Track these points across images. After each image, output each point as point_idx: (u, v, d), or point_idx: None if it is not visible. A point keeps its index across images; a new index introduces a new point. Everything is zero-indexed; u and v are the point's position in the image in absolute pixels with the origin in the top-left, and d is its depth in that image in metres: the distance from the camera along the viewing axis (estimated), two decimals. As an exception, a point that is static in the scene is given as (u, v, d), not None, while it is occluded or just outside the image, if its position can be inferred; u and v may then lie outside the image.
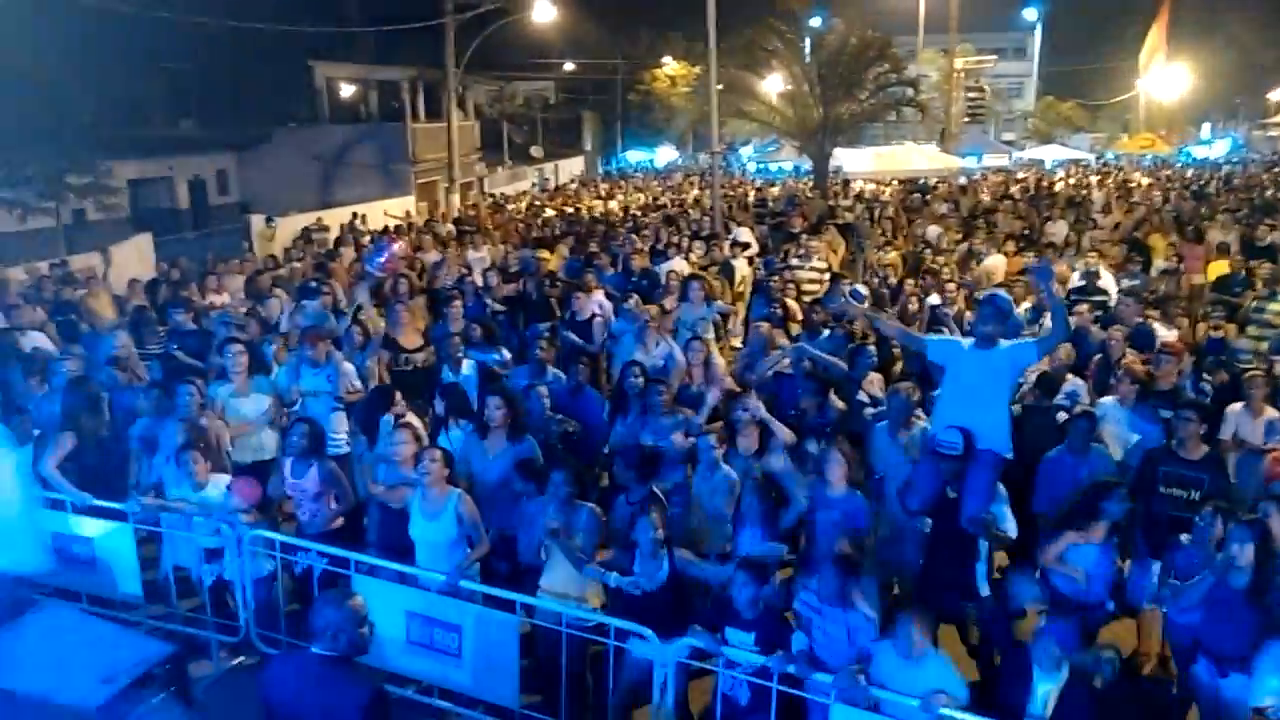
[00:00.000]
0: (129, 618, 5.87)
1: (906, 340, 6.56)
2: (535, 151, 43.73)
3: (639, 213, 22.01)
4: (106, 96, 20.29)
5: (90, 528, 6.13)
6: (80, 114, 19.03)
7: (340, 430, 7.11)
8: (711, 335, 8.54)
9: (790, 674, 4.37)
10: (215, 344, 8.17)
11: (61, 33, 18.16)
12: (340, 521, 6.01)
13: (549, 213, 23.51)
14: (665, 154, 53.50)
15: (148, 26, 20.24)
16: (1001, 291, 7.29)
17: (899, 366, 8.03)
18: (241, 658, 5.96)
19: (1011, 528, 5.42)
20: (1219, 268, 11.68)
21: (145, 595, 6.10)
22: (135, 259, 16.11)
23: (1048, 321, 7.21)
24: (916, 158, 27.70)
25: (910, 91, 25.37)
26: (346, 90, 32.70)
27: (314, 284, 9.93)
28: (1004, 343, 5.52)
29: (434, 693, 5.38)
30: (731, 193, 27.00)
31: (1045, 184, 27.43)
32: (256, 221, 20.09)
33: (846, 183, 26.09)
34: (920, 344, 6.11)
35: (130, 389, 7.44)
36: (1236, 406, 6.73)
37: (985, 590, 5.49)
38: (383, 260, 9.11)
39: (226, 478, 6.09)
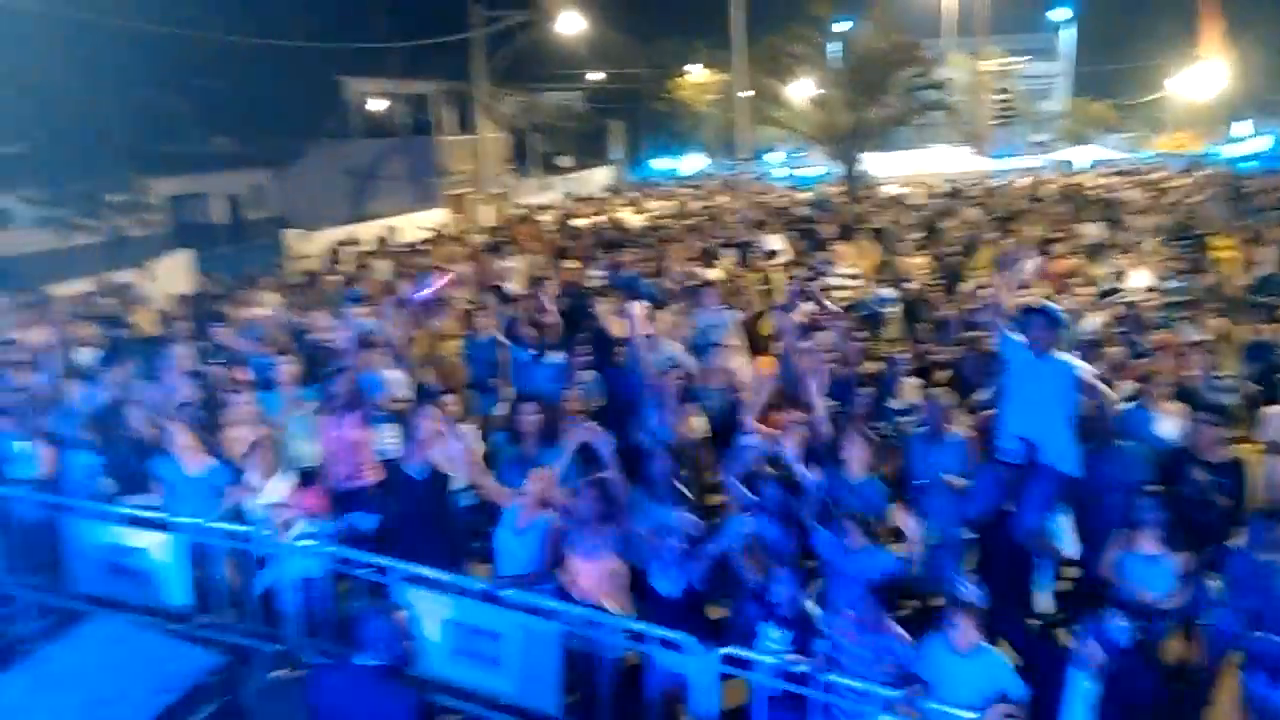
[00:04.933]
0: (177, 628, 5.98)
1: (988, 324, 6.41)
2: (563, 161, 43.96)
3: (670, 221, 22.04)
4: (143, 115, 20.70)
5: (141, 539, 6.29)
6: (118, 132, 19.41)
7: (390, 437, 7.22)
8: (734, 341, 8.52)
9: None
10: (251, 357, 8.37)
11: (99, 53, 18.55)
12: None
13: (578, 222, 23.60)
14: (692, 162, 53.51)
15: (182, 46, 20.63)
16: (1049, 303, 7.23)
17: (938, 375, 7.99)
18: (287, 667, 6.06)
19: (1070, 546, 5.34)
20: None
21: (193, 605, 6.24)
22: (176, 274, 16.40)
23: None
24: (946, 161, 27.57)
25: (939, 95, 25.26)
26: (376, 105, 33.06)
27: (359, 294, 10.10)
28: (1059, 354, 5.44)
29: (478, 701, 5.44)
30: (760, 200, 26.97)
31: (1076, 185, 27.13)
32: (291, 236, 20.37)
33: (876, 188, 26.00)
34: (997, 334, 5.90)
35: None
36: (1275, 409, 6.65)
37: (1042, 606, 5.41)
38: (427, 294, 9.30)
39: (285, 484, 6.22)
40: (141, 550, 6.30)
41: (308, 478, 6.69)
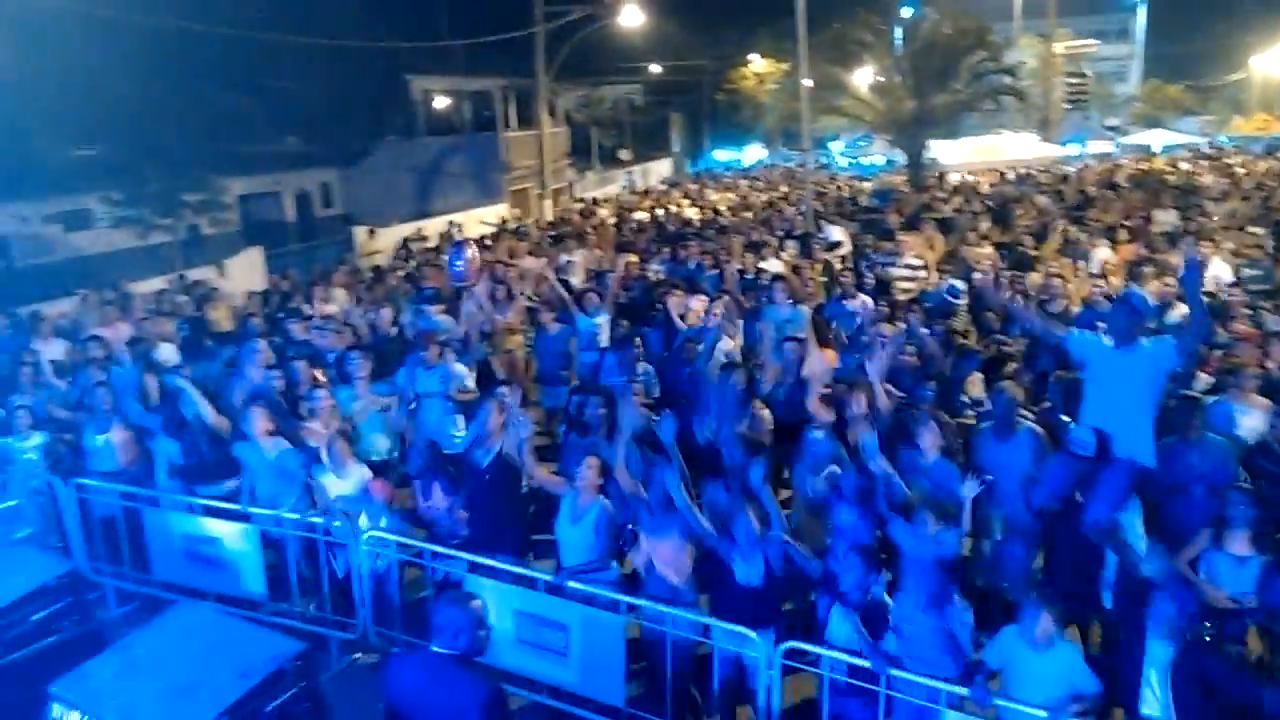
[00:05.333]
0: (253, 615, 6.16)
1: (1045, 333, 6.35)
2: (624, 155, 44.09)
3: (728, 213, 21.94)
4: (217, 116, 21.28)
5: (217, 528, 6.49)
6: (194, 134, 20.00)
7: (458, 429, 7.32)
8: (805, 334, 8.46)
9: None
10: (320, 352, 8.58)
11: (175, 58, 19.15)
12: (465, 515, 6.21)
13: (639, 215, 23.63)
14: (753, 153, 53.18)
15: (253, 48, 21.14)
16: (1136, 288, 7.03)
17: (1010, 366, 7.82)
18: (359, 654, 6.20)
19: (1141, 541, 5.20)
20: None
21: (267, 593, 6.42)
22: (248, 271, 16.84)
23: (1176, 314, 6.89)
24: (1015, 147, 26.93)
25: (1008, 79, 24.69)
26: (441, 102, 33.51)
27: (430, 290, 10.27)
28: (1144, 342, 5.28)
29: (543, 691, 5.50)
30: (822, 190, 26.70)
31: (1152, 171, 26.31)
32: (359, 233, 20.78)
33: (942, 175, 25.51)
34: (1060, 337, 5.84)
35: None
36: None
37: (1109, 603, 5.28)
38: (462, 268, 9.37)
39: (360, 474, 6.36)
40: (217, 539, 6.50)
41: (379, 469, 6.85)
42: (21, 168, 18.24)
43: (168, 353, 9.31)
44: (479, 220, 22.94)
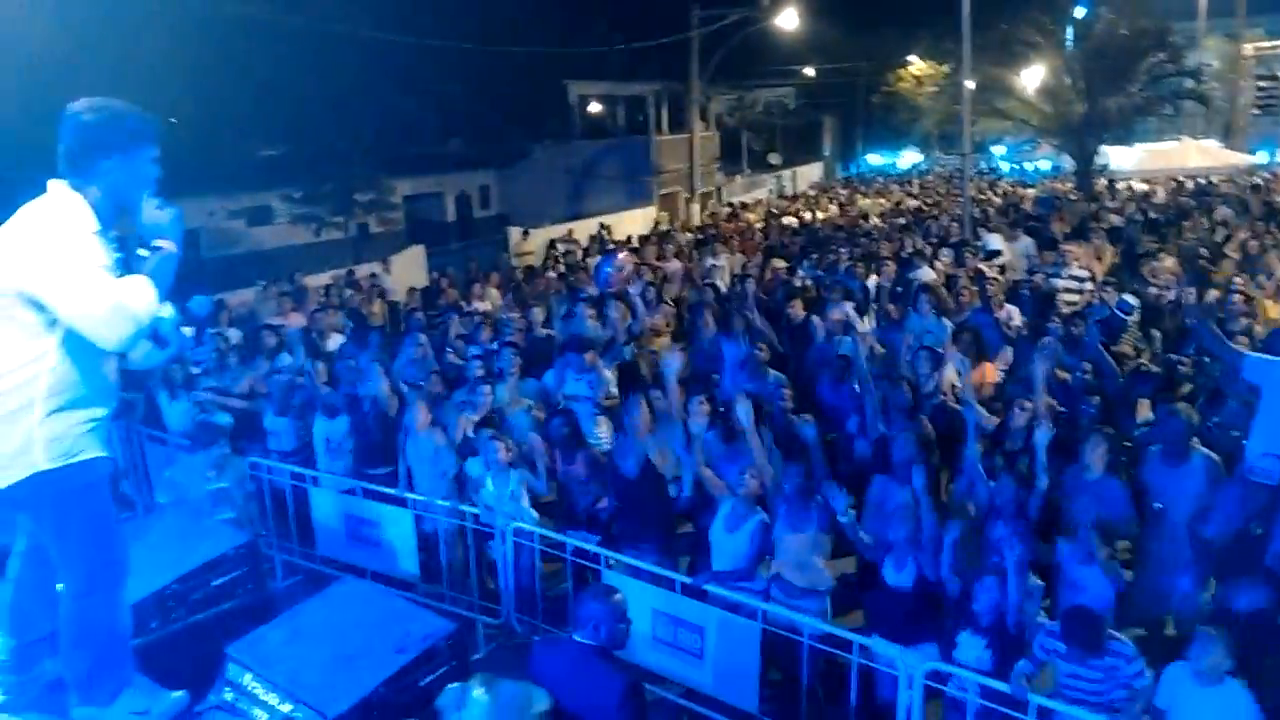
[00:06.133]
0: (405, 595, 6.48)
1: (1221, 352, 5.99)
2: (773, 158, 43.76)
3: (877, 220, 21.45)
4: (387, 120, 22.40)
5: (376, 511, 6.87)
6: (365, 136, 21.14)
7: (603, 433, 7.46)
8: (950, 349, 8.19)
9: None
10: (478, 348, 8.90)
11: (349, 64, 20.30)
12: (604, 503, 6.36)
13: (787, 220, 23.40)
14: (908, 157, 51.79)
15: (421, 54, 22.16)
16: None
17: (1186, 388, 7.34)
18: (504, 640, 6.43)
19: None
20: None
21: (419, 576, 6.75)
22: (410, 268, 17.66)
23: None
24: (1195, 154, 25.10)
25: (1190, 82, 23.11)
26: (595, 106, 34.17)
27: (584, 293, 10.50)
28: None
29: (677, 690, 5.56)
30: (981, 196, 25.70)
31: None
32: (514, 234, 21.46)
33: (1112, 183, 24.11)
34: (1236, 359, 5.54)
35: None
36: None
37: None
38: (610, 274, 9.47)
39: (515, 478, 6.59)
40: (376, 521, 6.88)
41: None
42: (211, 166, 19.77)
43: (335, 343, 9.89)
44: (627, 223, 23.24)
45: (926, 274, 11.18)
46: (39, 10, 12.72)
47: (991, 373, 7.43)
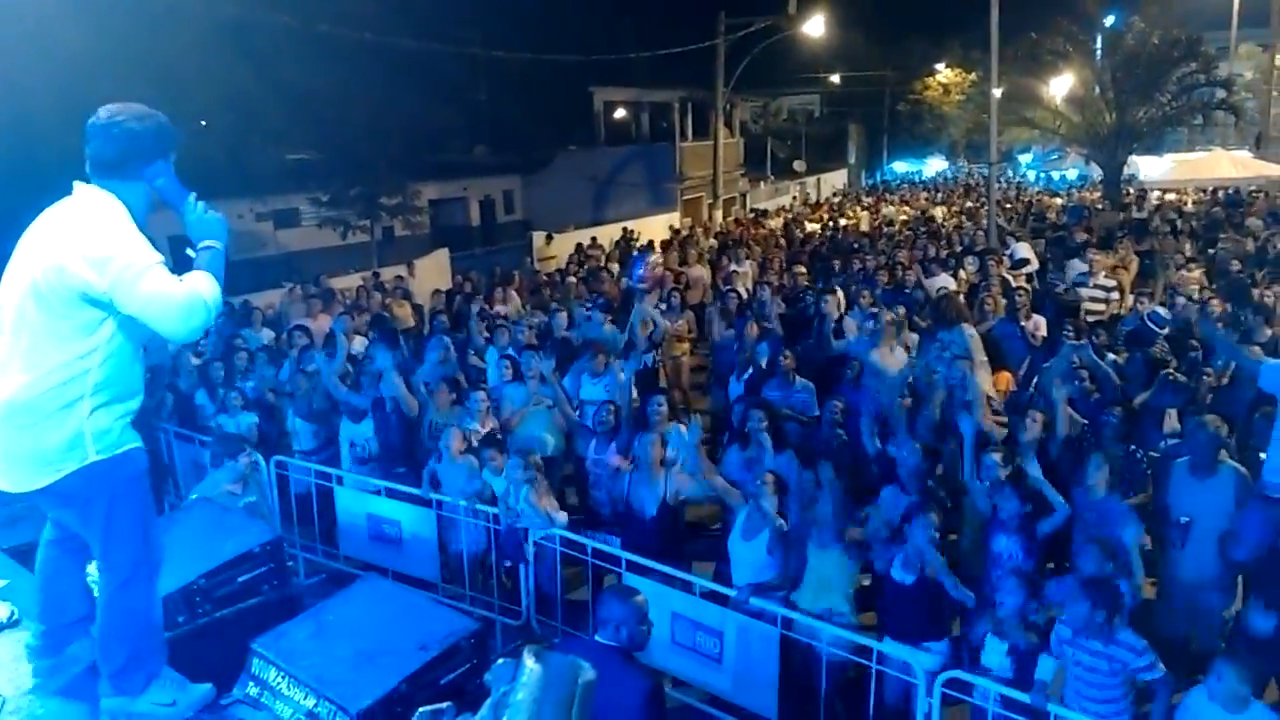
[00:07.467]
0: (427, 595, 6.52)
1: (1237, 358, 5.92)
2: (798, 166, 43.63)
3: (899, 227, 21.38)
4: (415, 126, 22.52)
5: (398, 512, 6.92)
6: (392, 142, 21.29)
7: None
8: (975, 358, 8.13)
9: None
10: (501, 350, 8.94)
11: (377, 69, 20.45)
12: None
13: (810, 227, 23.37)
14: (934, 165, 51.54)
15: (448, 61, 22.30)
16: None
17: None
18: (524, 640, 6.45)
19: None
20: None
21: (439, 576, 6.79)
22: (435, 271, 17.78)
23: None
24: (1227, 164, 24.80)
25: (1222, 92, 22.86)
26: (620, 112, 34.26)
27: (601, 297, 10.55)
28: None
29: (696, 694, 5.56)
30: (1008, 204, 25.54)
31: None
32: (537, 238, 21.53)
33: (1142, 194, 23.90)
34: (1253, 367, 5.48)
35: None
36: None
37: None
38: (642, 272, 9.50)
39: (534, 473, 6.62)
40: (397, 521, 6.94)
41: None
42: (240, 169, 19.99)
43: (359, 345, 9.95)
44: (649, 229, 23.28)
45: (946, 281, 11.12)
46: (71, 16, 12.92)
47: (1006, 381, 7.37)
